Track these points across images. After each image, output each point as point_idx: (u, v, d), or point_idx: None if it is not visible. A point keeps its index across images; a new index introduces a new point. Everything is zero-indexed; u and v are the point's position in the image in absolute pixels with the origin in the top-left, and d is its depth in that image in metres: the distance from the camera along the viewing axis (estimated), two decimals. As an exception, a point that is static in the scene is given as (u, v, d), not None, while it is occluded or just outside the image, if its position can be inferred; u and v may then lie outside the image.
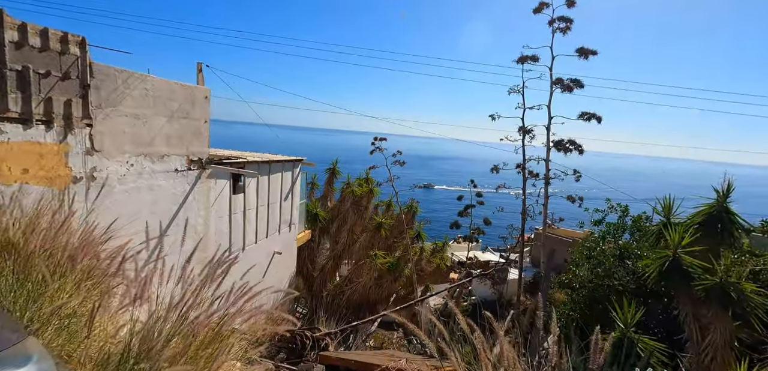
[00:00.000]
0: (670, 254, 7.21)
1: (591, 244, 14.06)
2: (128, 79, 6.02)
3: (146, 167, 6.87)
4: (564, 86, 11.81)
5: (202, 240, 9.23)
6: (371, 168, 18.62)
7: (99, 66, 5.61)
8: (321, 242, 22.06)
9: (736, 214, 7.55)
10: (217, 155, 9.64)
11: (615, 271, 12.72)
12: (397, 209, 20.01)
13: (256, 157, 12.26)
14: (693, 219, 7.82)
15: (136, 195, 6.74)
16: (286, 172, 14.11)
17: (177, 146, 7.47)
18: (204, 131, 8.15)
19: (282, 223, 14.45)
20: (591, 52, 11.44)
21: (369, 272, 18.77)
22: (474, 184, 20.70)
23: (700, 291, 6.73)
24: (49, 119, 5.04)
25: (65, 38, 5.03)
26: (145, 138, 6.66)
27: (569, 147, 12.19)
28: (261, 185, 12.23)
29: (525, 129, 13.20)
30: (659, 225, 8.50)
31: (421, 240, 20.49)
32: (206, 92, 8.08)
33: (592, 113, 11.74)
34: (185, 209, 8.40)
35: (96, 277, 3.38)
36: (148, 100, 6.52)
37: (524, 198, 13.83)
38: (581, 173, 12.65)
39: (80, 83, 5.34)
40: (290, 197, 14.83)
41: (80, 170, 5.60)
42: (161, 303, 3.33)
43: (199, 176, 8.58)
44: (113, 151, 6.09)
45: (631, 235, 13.78)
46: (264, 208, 12.78)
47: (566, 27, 11.67)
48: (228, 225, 10.52)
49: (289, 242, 15.78)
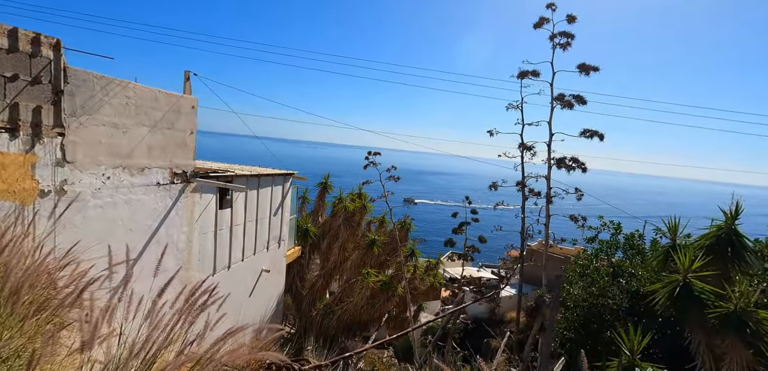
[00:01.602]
0: (679, 278, 6.89)
1: (584, 262, 13.80)
2: (107, 86, 5.55)
3: (124, 181, 6.36)
4: (564, 103, 11.62)
5: (185, 259, 8.67)
6: (364, 183, 18.20)
7: (75, 71, 5.15)
8: (311, 259, 21.44)
9: (745, 236, 7.29)
10: (203, 168, 9.14)
11: (609, 290, 12.44)
12: (390, 226, 19.56)
13: (245, 170, 11.77)
14: (701, 241, 7.54)
15: (112, 211, 6.21)
16: (276, 186, 13.61)
17: (159, 158, 6.98)
18: (190, 142, 7.67)
19: (271, 239, 13.89)
20: (592, 68, 11.31)
21: (361, 291, 18.18)
22: (469, 200, 20.38)
23: (713, 319, 6.39)
24: (15, 127, 4.55)
25: (37, 39, 4.58)
26: (124, 149, 6.17)
27: (572, 165, 11.95)
28: (250, 199, 11.71)
29: (524, 146, 12.97)
30: (666, 247, 8.21)
31: (415, 258, 20.01)
32: (193, 102, 7.63)
33: (594, 131, 11.55)
34: (166, 226, 7.85)
35: (49, 310, 2.89)
36: (129, 108, 6.05)
37: (523, 217, 13.51)
38: (583, 192, 12.41)
39: (52, 89, 4.87)
40: (280, 212, 14.31)
41: (49, 183, 5.08)
42: (124, 343, 2.84)
43: (182, 190, 8.06)
44: (87, 162, 5.59)
45: (624, 253, 13.58)
46: (252, 224, 12.24)
47: (567, 42, 11.55)
48: (213, 242, 9.95)
49: (278, 260, 15.20)
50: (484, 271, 28.14)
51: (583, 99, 11.41)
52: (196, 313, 2.81)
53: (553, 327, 10.02)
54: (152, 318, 2.76)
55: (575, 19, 11.22)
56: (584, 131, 11.80)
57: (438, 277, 20.95)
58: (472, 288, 22.68)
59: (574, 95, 11.48)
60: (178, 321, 2.85)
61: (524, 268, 14.70)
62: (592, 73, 11.30)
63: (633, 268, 12.65)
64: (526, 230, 13.47)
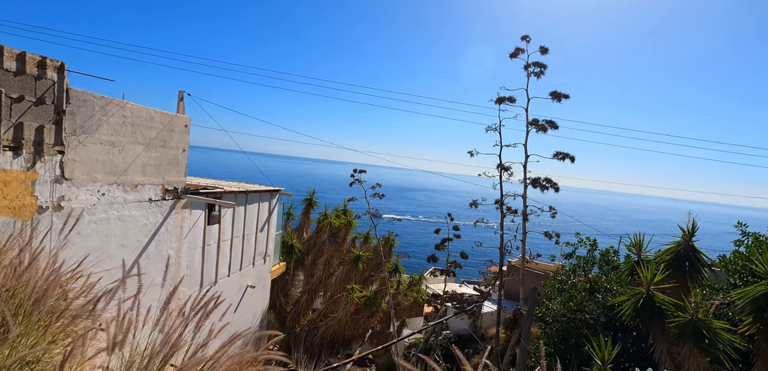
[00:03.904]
0: (643, 291, 7.47)
1: (563, 277, 14.39)
2: (106, 106, 5.78)
3: (118, 197, 6.53)
4: (539, 127, 12.38)
5: (173, 274, 8.77)
6: (350, 200, 18.50)
7: (77, 92, 5.38)
8: (295, 275, 21.47)
9: (702, 252, 7.96)
10: (193, 184, 9.32)
11: (586, 305, 13.02)
12: (374, 242, 19.84)
13: (233, 187, 11.95)
14: (662, 256, 8.18)
15: (106, 226, 6.36)
16: (263, 202, 13.79)
17: (152, 175, 7.18)
18: (182, 159, 7.89)
19: (257, 255, 13.99)
20: (563, 95, 12.16)
21: (345, 306, 18.31)
22: (451, 217, 20.89)
23: (673, 328, 6.96)
24: (18, 145, 4.73)
25: (43, 63, 4.81)
26: (119, 166, 6.36)
27: (546, 185, 12.65)
28: (237, 215, 11.87)
29: (502, 166, 13.63)
30: (631, 262, 8.84)
31: (399, 273, 20.30)
32: (186, 121, 7.87)
33: (566, 153, 12.32)
34: (157, 241, 7.99)
35: (64, 320, 3.11)
36: (125, 127, 6.27)
37: (502, 234, 14.09)
38: (557, 210, 13.09)
39: (55, 109, 5.08)
40: (266, 228, 14.44)
41: (47, 199, 5.24)
42: (137, 349, 3.09)
43: (173, 206, 8.23)
44: (84, 179, 5.77)
45: (600, 268, 14.23)
46: (239, 239, 12.37)
47: (540, 71, 12.38)
48: (201, 257, 10.07)
49: (263, 275, 15.25)
50: (466, 287, 28.59)
51: (555, 124, 12.22)
52: (204, 319, 3.09)
53: (528, 338, 10.46)
54: (164, 325, 3.03)
55: (547, 51, 12.10)
56: (557, 153, 12.57)
57: (421, 293, 21.26)
58: (454, 303, 23.07)
59: (547, 120, 12.29)
60: (186, 327, 3.13)
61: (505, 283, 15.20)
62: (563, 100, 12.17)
63: (608, 283, 13.28)
64: (504, 246, 14.03)
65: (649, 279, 7.43)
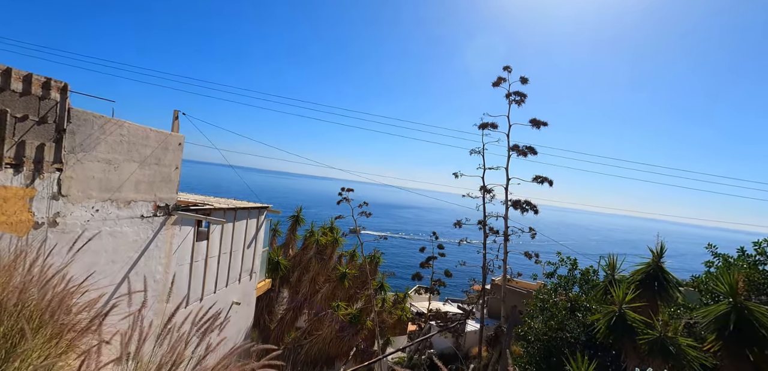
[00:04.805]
0: (616, 309, 7.90)
1: (544, 296, 14.79)
2: (105, 125, 5.96)
3: (111, 213, 6.65)
4: (519, 152, 13.00)
5: (161, 290, 8.81)
6: (337, 218, 18.69)
7: (78, 111, 5.55)
8: (280, 291, 21.35)
9: (670, 273, 8.49)
10: (183, 200, 9.44)
11: (567, 323, 13.42)
12: (361, 259, 20.00)
13: (222, 203, 12.06)
14: (634, 276, 8.68)
15: (97, 242, 6.45)
16: (251, 219, 13.89)
17: (145, 192, 7.31)
18: (174, 177, 8.05)
19: (243, 272, 14.01)
20: (542, 123, 12.85)
21: (330, 324, 18.31)
22: (436, 236, 21.27)
23: (643, 344, 7.38)
24: (19, 163, 4.87)
25: (48, 84, 4.99)
26: (114, 183, 6.50)
27: (526, 207, 13.20)
28: (225, 232, 11.95)
29: (485, 188, 14.15)
30: (605, 281, 9.33)
31: (384, 291, 20.45)
32: (180, 139, 8.06)
33: (544, 177, 12.94)
34: (146, 257, 8.06)
35: (72, 334, 3.27)
36: (122, 145, 6.44)
37: (485, 253, 14.52)
38: (536, 231, 13.61)
39: (56, 128, 5.24)
40: (253, 244, 14.50)
41: (43, 215, 5.35)
42: (140, 363, 3.27)
43: (164, 223, 8.34)
44: (80, 196, 5.89)
45: (581, 288, 14.69)
46: (226, 256, 12.41)
47: (521, 100, 13.07)
48: (188, 273, 10.11)
49: (249, 292, 15.22)
50: (450, 305, 28.85)
51: (534, 150, 12.87)
52: (208, 333, 3.31)
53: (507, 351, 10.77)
54: (170, 339, 3.23)
55: (527, 81, 12.82)
56: (536, 177, 13.18)
57: (406, 311, 21.40)
58: (438, 321, 23.26)
59: (527, 146, 12.93)
60: (188, 341, 3.34)
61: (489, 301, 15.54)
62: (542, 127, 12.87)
63: (588, 302, 13.72)
64: (487, 266, 14.44)
65: (621, 297, 7.88)
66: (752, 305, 7.00)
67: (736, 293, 7.07)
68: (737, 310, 6.96)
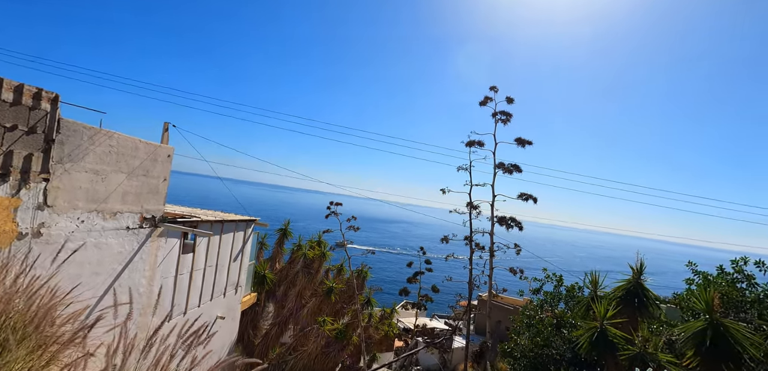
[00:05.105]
0: (597, 325, 8.08)
1: (530, 312, 14.94)
2: (94, 136, 5.95)
3: (97, 224, 6.58)
4: (505, 169, 13.31)
5: (144, 303, 8.66)
6: (325, 232, 18.66)
7: (68, 122, 5.54)
8: (266, 306, 21.06)
9: (649, 289, 8.73)
10: (170, 212, 9.37)
11: (553, 340, 13.55)
12: (348, 274, 19.92)
13: (210, 215, 11.97)
14: (615, 293, 8.90)
15: (82, 253, 6.36)
16: (239, 232, 13.78)
17: (132, 203, 7.26)
18: (162, 189, 8.01)
19: (228, 285, 13.83)
20: (527, 142, 13.22)
21: (316, 340, 18.11)
22: (423, 251, 21.36)
23: (624, 360, 7.56)
24: (6, 172, 4.83)
25: (39, 95, 4.99)
26: (101, 194, 6.45)
27: (511, 224, 13.45)
28: (212, 244, 11.84)
29: (472, 205, 14.39)
30: (588, 298, 9.53)
31: (371, 306, 20.36)
32: (169, 151, 8.05)
33: (529, 195, 13.25)
34: (130, 270, 7.95)
35: (56, 346, 3.25)
36: (111, 156, 6.41)
37: (471, 269, 14.67)
38: (521, 247, 13.84)
39: (45, 138, 5.22)
40: (240, 258, 14.36)
41: (27, 226, 5.29)
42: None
43: (149, 235, 8.25)
44: (66, 207, 5.84)
45: (566, 304, 14.88)
46: (212, 269, 12.27)
47: (506, 119, 13.45)
48: (173, 287, 9.96)
49: (233, 306, 15.00)
50: (437, 321, 28.83)
51: (519, 168, 13.21)
52: (194, 346, 3.32)
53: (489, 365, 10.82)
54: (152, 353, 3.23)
55: (513, 101, 13.22)
56: (521, 194, 13.50)
57: (392, 326, 21.31)
58: (424, 338, 23.20)
59: (512, 164, 13.28)
60: (173, 354, 3.35)
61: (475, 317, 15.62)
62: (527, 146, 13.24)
63: (573, 319, 13.89)
64: (473, 281, 14.58)
65: (603, 314, 8.07)
66: (728, 322, 7.24)
67: (713, 310, 7.31)
68: (713, 327, 7.18)
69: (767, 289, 9.38)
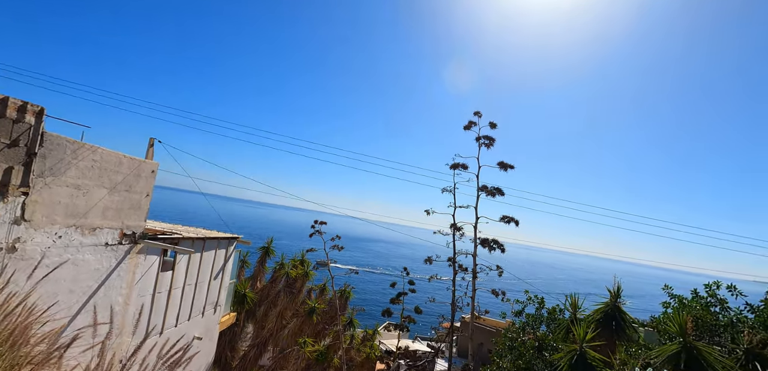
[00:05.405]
0: (577, 348, 8.22)
1: (513, 335, 15.03)
2: (78, 150, 5.86)
3: (75, 240, 6.41)
4: (488, 192, 13.60)
5: (119, 322, 8.39)
6: (309, 250, 18.48)
7: (52, 136, 5.45)
8: (245, 326, 20.53)
9: (626, 313, 8.96)
10: (151, 229, 9.18)
11: (534, 363, 13.63)
12: (331, 294, 19.69)
13: (191, 232, 11.75)
14: (594, 316, 9.09)
15: (57, 270, 6.17)
16: (220, 249, 13.54)
17: (113, 219, 7.11)
18: (144, 204, 7.87)
19: (207, 304, 13.49)
20: (509, 166, 13.60)
21: (296, 361, 17.71)
22: (407, 271, 21.32)
23: (602, 383, 7.69)
24: (-17, 185, 4.71)
25: (24, 107, 4.91)
26: (81, 209, 6.31)
27: (493, 246, 13.67)
28: (192, 262, 11.59)
29: (456, 226, 14.58)
30: (568, 321, 9.71)
31: (353, 327, 20.10)
32: (154, 167, 7.95)
33: (511, 217, 13.54)
34: (106, 288, 7.71)
35: (30, 365, 3.15)
36: (93, 171, 6.30)
37: (454, 290, 14.76)
38: (503, 269, 14.04)
39: (27, 151, 5.11)
40: (220, 276, 14.07)
41: (2, 240, 5.12)
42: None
43: (128, 251, 8.06)
44: (43, 221, 5.69)
45: (548, 326, 15.05)
46: (191, 287, 11.98)
47: (489, 143, 13.83)
48: (150, 306, 9.68)
49: (212, 326, 14.61)
50: (419, 343, 28.60)
51: (501, 191, 13.54)
52: (174, 367, 3.27)
53: None
54: None
55: (495, 126, 13.66)
56: (503, 217, 13.78)
57: (374, 348, 21.02)
58: (407, 360, 22.94)
59: (495, 187, 13.61)
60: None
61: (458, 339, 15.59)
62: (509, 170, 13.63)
63: (554, 341, 14.02)
64: (455, 303, 14.64)
65: (582, 337, 8.23)
66: (700, 345, 7.48)
67: (686, 333, 7.56)
68: (687, 350, 7.41)
69: (739, 314, 9.77)
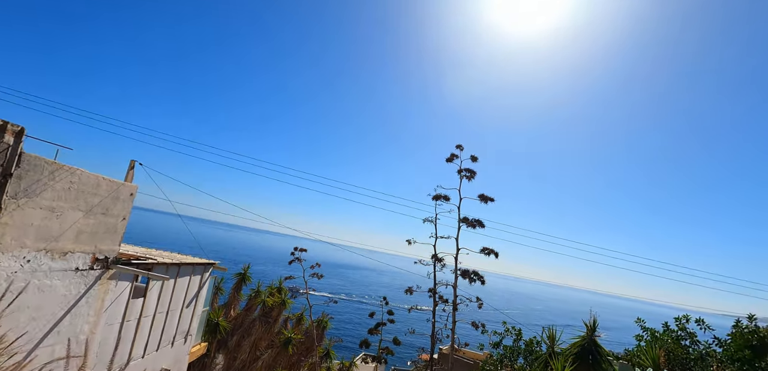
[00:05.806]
0: (555, 381, 8.32)
1: (490, 368, 15.02)
2: (55, 172, 5.67)
3: (43, 264, 6.11)
4: (469, 224, 13.85)
5: (83, 352, 7.92)
6: (287, 278, 18.08)
7: (30, 156, 5.27)
8: (215, 357, 19.65)
9: (602, 346, 9.17)
10: (125, 253, 8.84)
11: (513, 397, 13.60)
12: (308, 323, 19.21)
13: (166, 257, 11.36)
14: (571, 350, 9.25)
15: (22, 297, 5.84)
16: (195, 276, 13.10)
17: (86, 243, 6.84)
18: (120, 228, 7.61)
19: (178, 334, 12.92)
20: (489, 198, 13.94)
21: (270, 395, 17.02)
22: (386, 301, 21.12)
23: (579, 417, 7.78)
24: (-50, 206, 4.48)
25: (3, 127, 4.76)
26: (53, 232, 6.05)
27: (473, 278, 13.82)
28: (165, 289, 11.16)
29: (437, 257, 14.69)
30: (546, 354, 9.83)
31: (330, 359, 19.57)
32: (132, 189, 7.74)
33: (491, 249, 13.78)
34: (72, 316, 7.32)
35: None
36: (70, 193, 6.09)
37: (434, 321, 14.72)
38: (483, 300, 14.15)
39: (2, 172, 4.92)
40: (193, 304, 13.55)
41: (-34, 264, 4.84)
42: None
43: (98, 278, 7.71)
44: (12, 245, 5.42)
45: (525, 359, 15.14)
46: (162, 315, 11.48)
47: (470, 175, 14.19)
48: (117, 335, 9.20)
49: (181, 357, 13.94)
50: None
51: (482, 223, 13.83)
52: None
53: None
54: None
55: (477, 159, 14.07)
56: (483, 249, 14.02)
57: (352, 381, 20.47)
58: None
59: (475, 220, 13.89)
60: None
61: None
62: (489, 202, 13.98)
63: (532, 374, 14.07)
64: (435, 334, 14.59)
65: (560, 369, 8.35)
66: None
67: (659, 367, 7.81)
68: (659, 383, 7.64)
69: (708, 347, 10.18)
